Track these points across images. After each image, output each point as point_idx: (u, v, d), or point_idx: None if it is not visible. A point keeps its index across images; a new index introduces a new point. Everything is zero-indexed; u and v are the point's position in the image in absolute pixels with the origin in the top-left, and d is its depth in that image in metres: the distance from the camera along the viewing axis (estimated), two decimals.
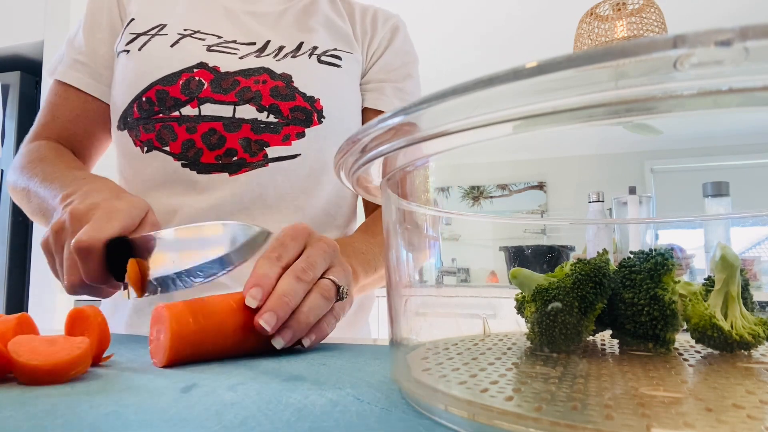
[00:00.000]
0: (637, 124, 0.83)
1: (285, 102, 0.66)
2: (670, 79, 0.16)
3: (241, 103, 0.65)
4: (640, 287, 0.26)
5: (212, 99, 0.65)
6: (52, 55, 2.35)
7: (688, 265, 0.31)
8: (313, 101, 0.68)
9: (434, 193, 0.29)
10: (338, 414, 0.23)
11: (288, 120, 0.67)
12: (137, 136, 0.67)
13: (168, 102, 0.65)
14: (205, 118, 0.65)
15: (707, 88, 0.16)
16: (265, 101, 0.66)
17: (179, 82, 0.66)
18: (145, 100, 0.66)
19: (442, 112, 0.19)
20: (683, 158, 3.33)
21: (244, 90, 0.66)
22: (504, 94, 0.18)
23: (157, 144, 0.66)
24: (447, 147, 0.22)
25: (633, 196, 0.76)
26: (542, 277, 0.29)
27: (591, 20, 2.19)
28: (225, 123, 0.65)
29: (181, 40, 0.69)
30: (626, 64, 0.15)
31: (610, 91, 0.17)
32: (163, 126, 0.66)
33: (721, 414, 0.19)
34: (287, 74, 0.68)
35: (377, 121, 0.21)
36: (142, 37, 0.70)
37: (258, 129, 0.65)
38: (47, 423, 0.22)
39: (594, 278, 0.27)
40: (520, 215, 0.39)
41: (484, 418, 0.18)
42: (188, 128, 0.65)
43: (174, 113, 0.65)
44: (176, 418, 0.23)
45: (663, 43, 0.15)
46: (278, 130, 0.66)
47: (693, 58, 0.15)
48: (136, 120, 0.67)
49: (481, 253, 0.43)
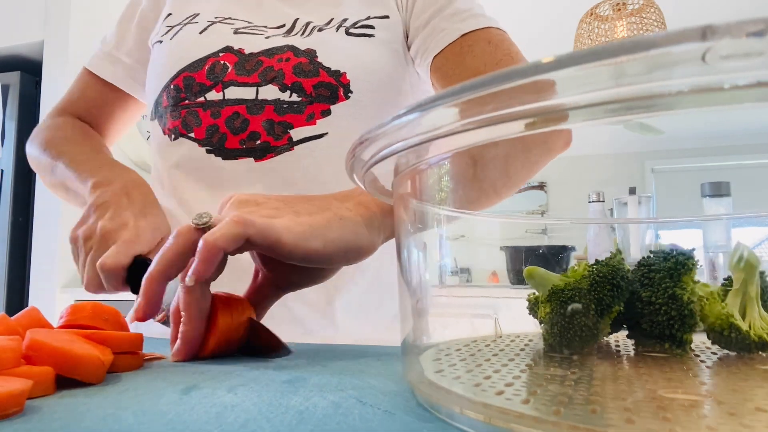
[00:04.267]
0: (638, 124, 0.83)
1: (308, 79, 0.62)
2: (696, 72, 0.15)
3: (264, 84, 0.63)
4: (659, 286, 0.26)
5: (236, 82, 0.63)
6: (52, 55, 2.35)
7: (694, 265, 0.31)
8: (338, 75, 0.63)
9: (443, 192, 0.29)
10: (340, 417, 0.23)
11: (311, 98, 0.63)
12: (165, 124, 0.67)
13: (194, 88, 0.64)
14: (228, 102, 0.63)
15: (737, 83, 0.15)
16: (288, 80, 0.63)
17: (204, 68, 0.65)
18: (173, 88, 0.66)
19: (455, 109, 0.19)
20: (684, 158, 3.34)
21: (267, 70, 0.63)
22: (525, 90, 0.17)
23: (182, 131, 0.65)
24: (460, 145, 0.21)
25: (633, 197, 0.76)
26: (557, 277, 0.28)
27: (591, 20, 2.19)
28: (248, 105, 0.63)
29: (210, 27, 0.68)
30: (656, 57, 0.15)
31: (640, 85, 0.16)
32: (188, 112, 0.65)
33: (744, 418, 0.18)
34: (311, 50, 0.64)
35: (391, 118, 0.20)
36: (176, 28, 0.70)
37: (281, 110, 0.63)
38: (44, 425, 0.21)
39: (612, 280, 0.26)
40: (521, 215, 0.39)
41: (501, 421, 0.18)
42: (213, 113, 0.63)
43: (199, 99, 0.64)
44: (176, 421, 0.22)
45: (692, 34, 0.14)
46: (302, 109, 0.63)
47: (723, 50, 0.14)
48: (165, 108, 0.67)
49: (483, 253, 0.42)
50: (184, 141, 0.65)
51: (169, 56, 0.68)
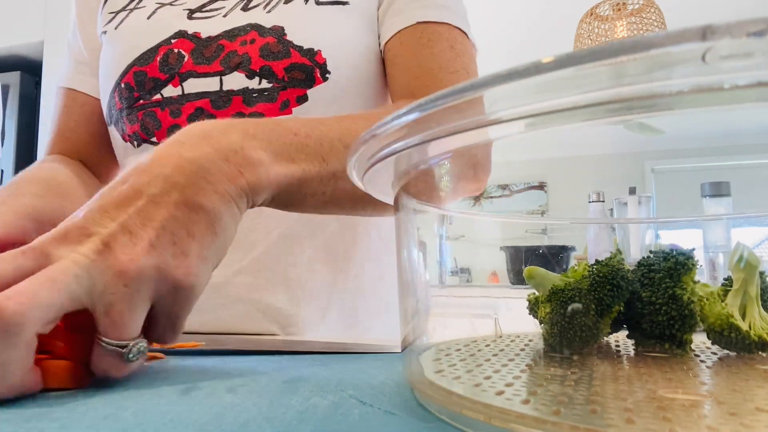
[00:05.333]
0: (638, 124, 0.83)
1: (278, 61, 0.54)
2: (696, 72, 0.16)
3: (228, 72, 0.54)
4: (659, 286, 0.26)
5: (195, 72, 0.55)
6: (52, 55, 2.35)
7: (694, 265, 0.31)
8: (312, 54, 0.55)
9: (443, 192, 0.29)
10: (341, 417, 0.23)
11: (284, 83, 0.54)
12: (123, 129, 0.59)
13: (147, 84, 0.56)
14: (189, 97, 0.55)
15: (737, 83, 0.15)
16: (255, 64, 0.54)
17: (156, 59, 0.56)
18: (124, 86, 0.58)
19: (456, 108, 0.19)
20: (684, 158, 3.34)
21: (230, 55, 0.55)
22: (527, 89, 0.17)
23: (143, 136, 0.57)
24: (460, 144, 0.21)
25: (633, 197, 0.76)
26: (558, 277, 0.29)
27: (591, 20, 2.19)
28: (212, 99, 0.55)
29: (159, 10, 0.59)
30: (655, 57, 0.15)
31: (640, 85, 0.16)
32: (145, 114, 0.57)
33: (744, 418, 0.18)
34: (278, 26, 0.55)
35: (391, 117, 0.20)
36: (121, 14, 0.61)
37: (250, 100, 0.54)
38: (44, 425, 0.21)
39: (612, 281, 0.26)
40: (521, 215, 0.39)
41: (500, 421, 0.18)
42: (172, 111, 0.55)
43: (155, 96, 0.56)
44: (176, 421, 0.22)
45: (692, 34, 0.14)
46: (274, 96, 0.54)
47: (723, 50, 0.14)
48: (119, 111, 0.59)
49: (483, 253, 0.42)
50: (148, 147, 0.57)
51: (114, 49, 0.59)
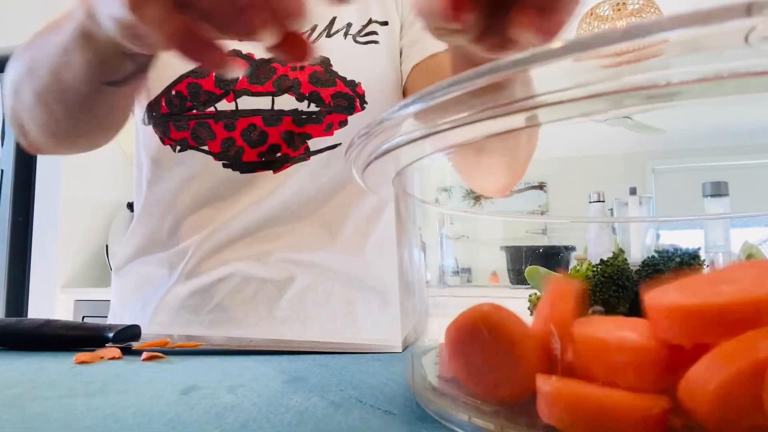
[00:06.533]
0: (638, 123, 0.82)
1: (325, 88, 0.62)
2: (739, 56, 0.14)
3: (279, 94, 0.61)
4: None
5: (249, 91, 0.61)
6: None
7: (700, 264, 0.31)
8: (354, 86, 0.63)
9: (439, 191, 0.29)
10: (341, 417, 0.23)
11: (330, 108, 0.62)
12: (165, 133, 0.64)
13: (201, 96, 0.61)
14: (242, 113, 0.61)
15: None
16: (305, 89, 0.62)
17: (212, 74, 0.61)
18: (175, 95, 0.62)
19: (459, 101, 0.18)
20: (684, 158, 3.33)
21: (282, 78, 0.62)
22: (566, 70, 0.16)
23: (192, 143, 0.63)
24: (462, 140, 0.21)
25: (633, 197, 0.76)
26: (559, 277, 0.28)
27: (591, 20, 2.19)
28: (264, 116, 0.61)
29: None
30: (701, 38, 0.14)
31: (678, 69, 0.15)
32: (198, 123, 0.62)
33: None
34: (325, 58, 0.63)
35: (391, 111, 0.20)
36: None
37: (300, 121, 0.62)
38: (43, 426, 0.21)
39: (617, 281, 0.26)
40: (521, 215, 0.39)
41: (513, 431, 0.17)
42: (226, 125, 0.61)
43: (209, 109, 0.62)
44: (175, 421, 0.22)
45: (736, 10, 0.13)
46: (320, 119, 0.62)
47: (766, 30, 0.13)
48: (165, 116, 0.63)
49: (483, 253, 0.42)
50: (195, 154, 0.63)
51: (165, 57, 0.61)
